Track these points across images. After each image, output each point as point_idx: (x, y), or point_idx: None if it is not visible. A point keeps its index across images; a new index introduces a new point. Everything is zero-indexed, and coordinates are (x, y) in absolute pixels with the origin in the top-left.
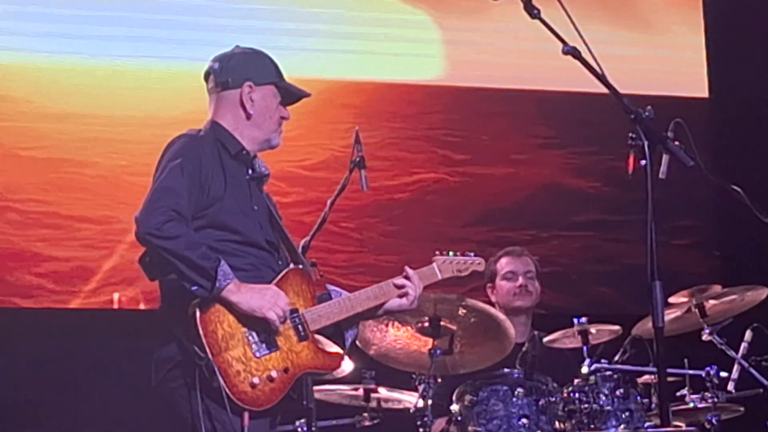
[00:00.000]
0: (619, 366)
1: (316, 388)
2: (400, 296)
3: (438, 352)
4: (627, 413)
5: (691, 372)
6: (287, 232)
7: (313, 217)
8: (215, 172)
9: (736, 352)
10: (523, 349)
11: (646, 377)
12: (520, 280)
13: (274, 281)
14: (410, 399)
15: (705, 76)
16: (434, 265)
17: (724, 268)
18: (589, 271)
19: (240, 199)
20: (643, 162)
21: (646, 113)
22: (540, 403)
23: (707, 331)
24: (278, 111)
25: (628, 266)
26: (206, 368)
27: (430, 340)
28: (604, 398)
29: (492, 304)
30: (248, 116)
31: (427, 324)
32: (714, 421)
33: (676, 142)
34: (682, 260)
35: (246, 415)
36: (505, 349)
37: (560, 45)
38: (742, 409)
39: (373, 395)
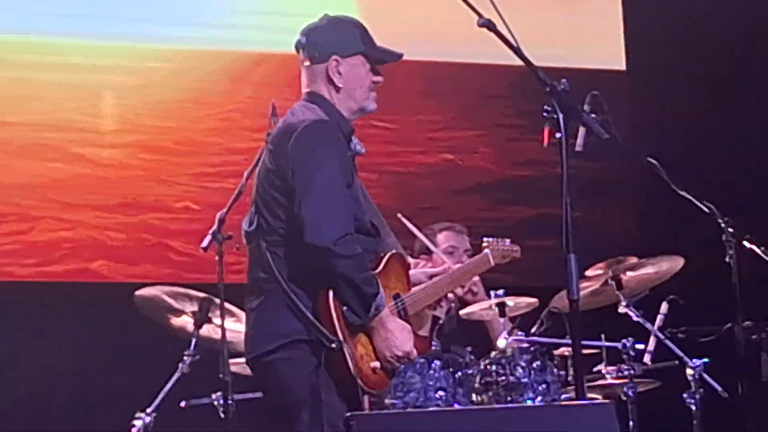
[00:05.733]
0: (536, 338)
1: (232, 361)
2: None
3: None
4: (543, 385)
5: (607, 344)
6: (378, 210)
7: None
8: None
9: (652, 324)
10: (440, 322)
11: (562, 350)
12: (463, 257)
13: (380, 267)
14: None
15: (622, 48)
16: (487, 251)
17: (640, 238)
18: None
19: (356, 184)
20: (558, 135)
21: (561, 86)
22: (457, 375)
23: (624, 303)
24: (369, 77)
25: (545, 237)
26: (338, 349)
27: None
28: (520, 370)
29: None
30: (338, 89)
31: None
32: (630, 393)
33: (593, 115)
34: (600, 232)
35: (366, 398)
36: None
37: (476, 17)
38: (658, 382)
39: None
